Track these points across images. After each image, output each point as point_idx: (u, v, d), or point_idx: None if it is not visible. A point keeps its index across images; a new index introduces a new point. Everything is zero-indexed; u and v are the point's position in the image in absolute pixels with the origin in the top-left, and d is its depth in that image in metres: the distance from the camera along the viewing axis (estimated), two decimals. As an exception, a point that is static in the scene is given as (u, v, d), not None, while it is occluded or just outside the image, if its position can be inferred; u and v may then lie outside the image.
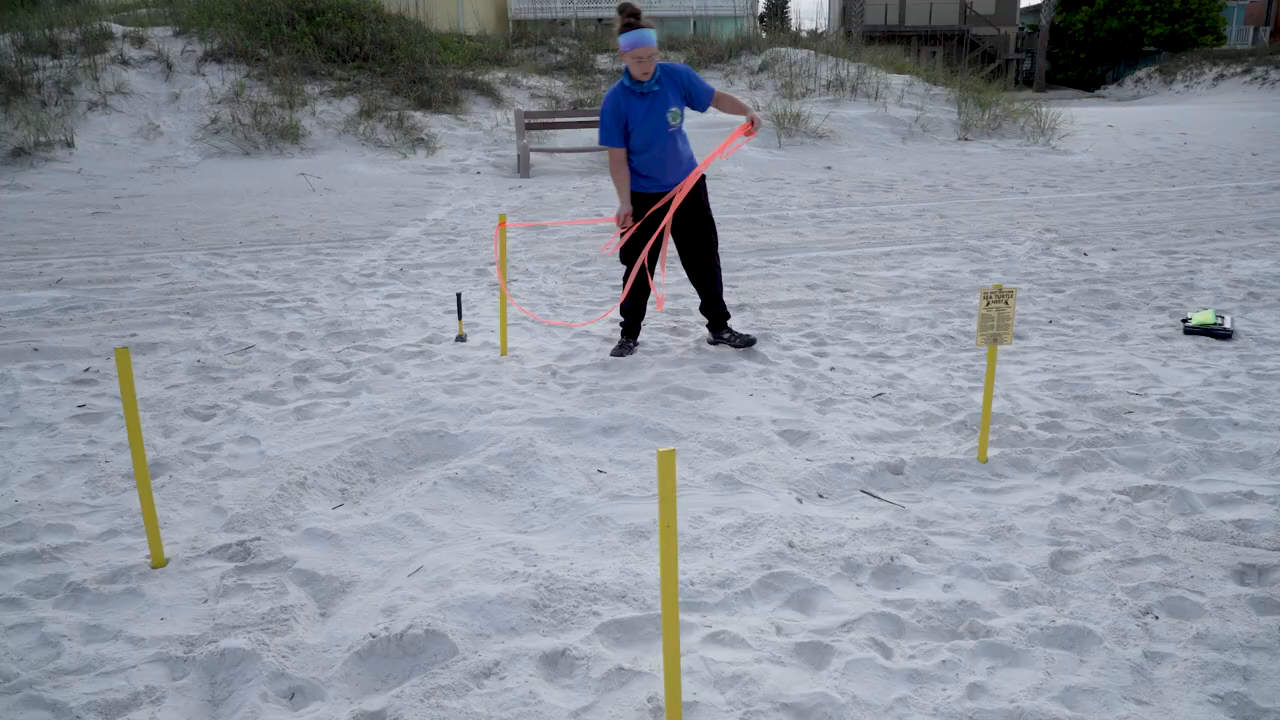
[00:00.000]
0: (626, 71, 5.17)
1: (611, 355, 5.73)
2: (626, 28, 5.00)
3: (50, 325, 6.46)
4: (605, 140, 5.28)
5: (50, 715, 2.57)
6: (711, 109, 5.50)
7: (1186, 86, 36.65)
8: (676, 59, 20.78)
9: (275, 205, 11.68)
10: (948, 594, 3.14)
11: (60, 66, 15.36)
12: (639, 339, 5.97)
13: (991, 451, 4.26)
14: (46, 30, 16.06)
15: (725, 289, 7.48)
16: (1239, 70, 35.10)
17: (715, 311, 5.84)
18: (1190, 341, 5.94)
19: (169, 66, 16.14)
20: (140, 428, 3.25)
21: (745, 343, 5.82)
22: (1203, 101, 31.87)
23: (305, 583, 3.26)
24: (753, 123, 5.09)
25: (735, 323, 6.46)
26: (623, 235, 5.40)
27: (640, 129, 5.21)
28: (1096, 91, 43.67)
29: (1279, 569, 3.22)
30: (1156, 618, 2.97)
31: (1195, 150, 16.91)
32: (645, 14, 5.12)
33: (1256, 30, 45.33)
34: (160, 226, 10.20)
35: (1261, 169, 14.42)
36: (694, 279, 5.73)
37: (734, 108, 5.31)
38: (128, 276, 7.88)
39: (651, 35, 5.04)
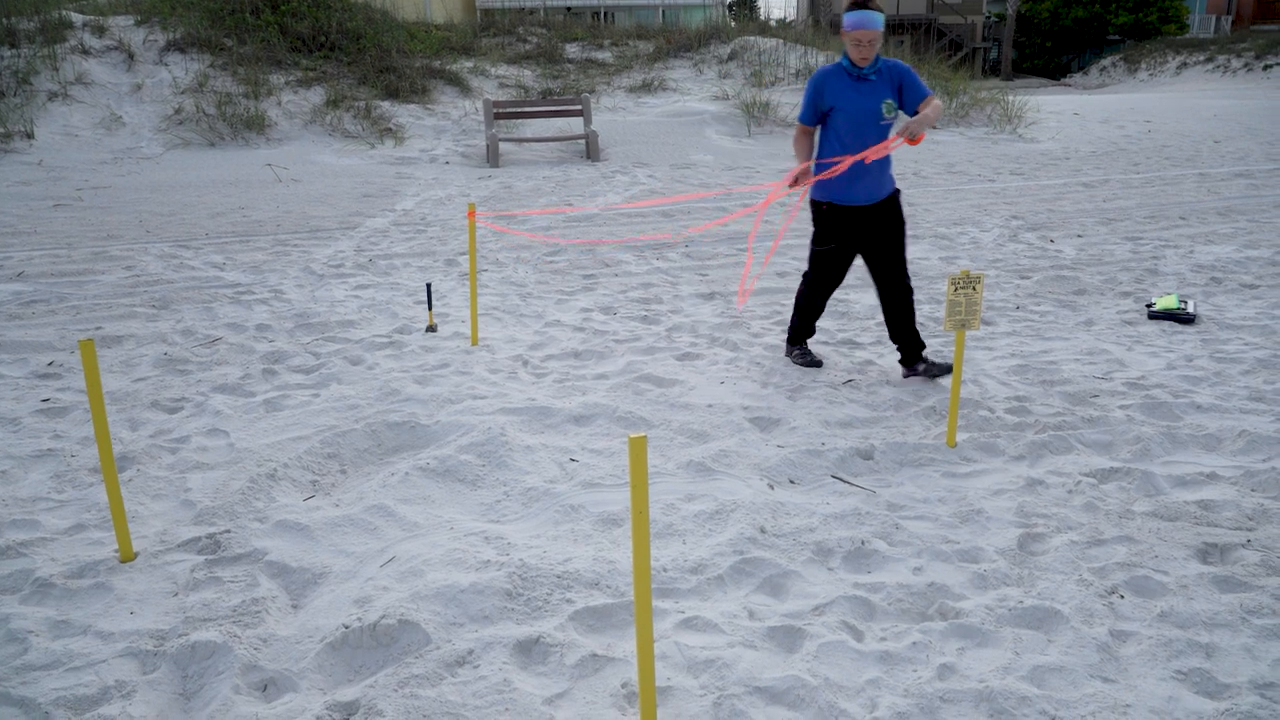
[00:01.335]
0: (845, 53, 4.71)
1: (801, 364, 5.33)
2: (854, 6, 4.57)
3: (12, 319, 6.36)
4: (800, 116, 4.89)
5: (19, 711, 2.54)
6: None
7: (1150, 75, 37.01)
8: (645, 48, 20.71)
9: (241, 196, 11.55)
10: (918, 577, 3.17)
11: (19, 56, 15.08)
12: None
13: (960, 436, 4.31)
14: (4, 19, 15.77)
15: (698, 278, 7.49)
16: (1201, 59, 35.47)
17: (910, 340, 5.09)
18: (1154, 326, 6.02)
19: (131, 56, 15.90)
20: (106, 421, 3.22)
21: (941, 371, 5.06)
22: (1166, 90, 32.22)
23: (276, 575, 3.24)
24: (908, 128, 4.48)
25: (708, 311, 6.48)
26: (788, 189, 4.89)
27: (849, 115, 4.70)
28: (1062, 80, 44.03)
29: (1241, 548, 3.29)
30: (1122, 597, 3.02)
31: (1159, 138, 17.11)
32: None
33: (1218, 19, 45.88)
34: (124, 218, 10.06)
35: (1223, 156, 14.61)
36: (884, 302, 5.04)
37: (933, 113, 4.58)
38: (91, 269, 7.77)
39: (876, 19, 4.56)
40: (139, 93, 15.34)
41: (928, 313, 6.40)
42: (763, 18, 29.03)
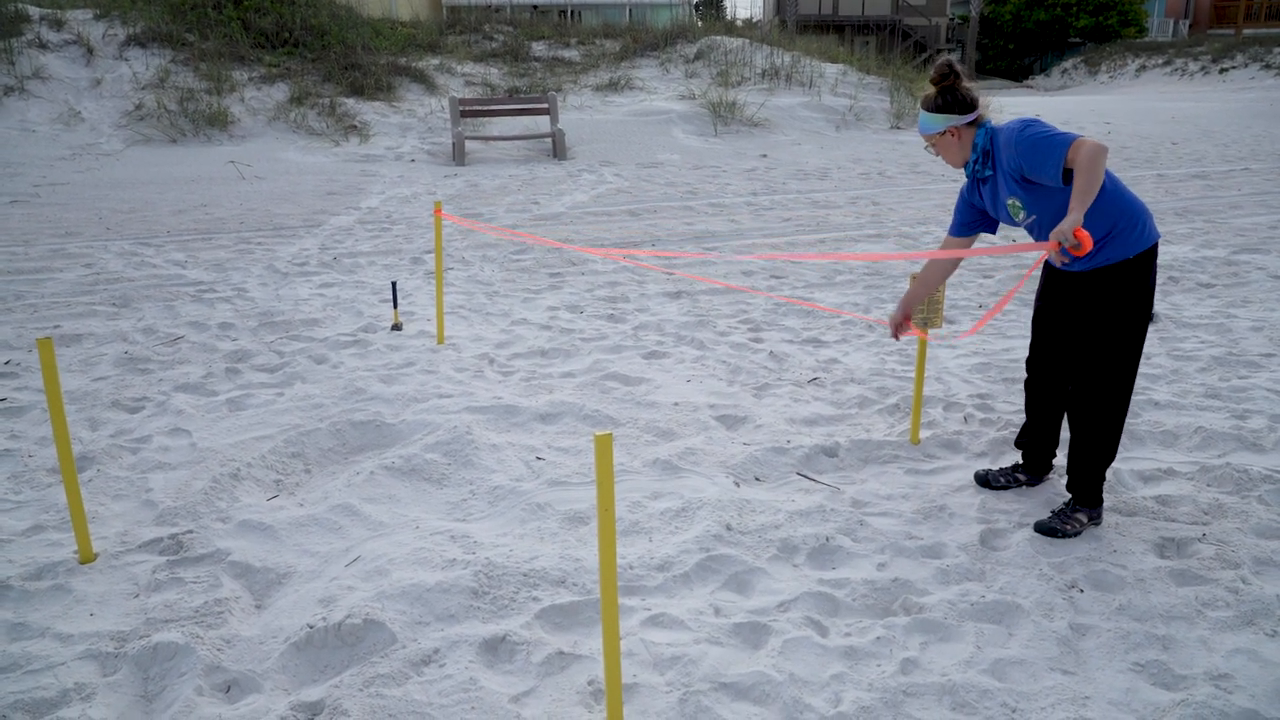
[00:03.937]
0: None
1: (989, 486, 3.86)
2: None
3: (-32, 317, 6.25)
4: None
5: (-25, 715, 2.50)
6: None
7: (1110, 77, 37.51)
8: (612, 47, 20.66)
9: (204, 193, 11.42)
10: (881, 573, 3.20)
11: (-26, 50, 14.81)
12: (1044, 478, 3.88)
13: (923, 433, 4.35)
14: (-42, 12, 15.47)
15: (665, 276, 7.49)
16: (1160, 62, 36.01)
17: (1078, 474, 3.53)
18: (1113, 325, 6.10)
19: (90, 51, 15.65)
20: (65, 421, 3.17)
21: (1050, 531, 3.46)
22: (1126, 92, 32.69)
23: (240, 575, 3.21)
24: (1060, 244, 2.90)
25: (674, 310, 6.48)
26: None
27: (999, 216, 3.57)
28: (1025, 82, 44.54)
29: (1197, 542, 3.35)
30: (1081, 591, 3.07)
31: (1118, 139, 17.35)
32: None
33: (1176, 23, 46.58)
34: (83, 216, 9.90)
35: (1181, 158, 14.85)
36: (1068, 411, 3.58)
37: (1082, 184, 2.98)
38: (49, 267, 7.65)
39: (926, 122, 3.44)
40: (98, 88, 15.10)
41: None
42: (729, 17, 29.11)
